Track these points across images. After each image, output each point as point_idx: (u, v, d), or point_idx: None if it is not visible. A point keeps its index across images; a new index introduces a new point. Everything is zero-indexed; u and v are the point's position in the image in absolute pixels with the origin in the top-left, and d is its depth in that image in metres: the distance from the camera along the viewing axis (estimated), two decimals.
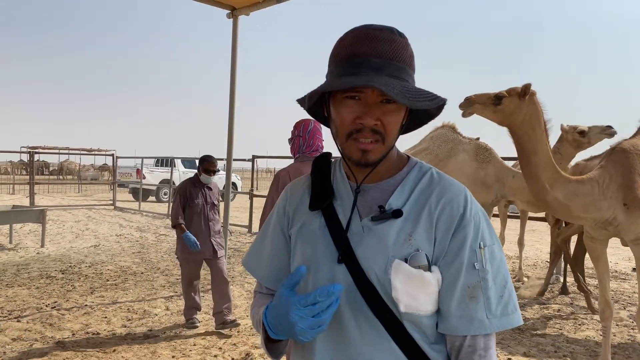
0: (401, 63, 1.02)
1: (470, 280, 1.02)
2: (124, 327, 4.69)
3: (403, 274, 1.01)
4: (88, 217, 13.75)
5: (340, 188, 1.15)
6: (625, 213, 3.43)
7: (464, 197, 1.07)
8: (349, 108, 1.03)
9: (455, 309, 1.02)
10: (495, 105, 3.38)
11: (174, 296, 5.83)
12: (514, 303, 1.04)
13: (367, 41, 1.02)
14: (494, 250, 1.05)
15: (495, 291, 1.02)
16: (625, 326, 5.00)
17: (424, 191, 1.09)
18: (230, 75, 6.14)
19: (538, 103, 3.37)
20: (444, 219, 1.05)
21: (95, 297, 5.72)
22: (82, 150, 32.71)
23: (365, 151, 1.03)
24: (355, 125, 1.02)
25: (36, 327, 4.61)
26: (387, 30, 1.04)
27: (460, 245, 1.03)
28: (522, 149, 3.37)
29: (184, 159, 20.56)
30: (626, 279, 7.22)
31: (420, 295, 1.02)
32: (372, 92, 1.01)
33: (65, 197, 20.88)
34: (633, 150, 3.53)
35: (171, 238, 10.18)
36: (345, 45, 1.04)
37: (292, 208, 1.20)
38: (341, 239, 1.07)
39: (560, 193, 3.39)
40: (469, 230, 1.04)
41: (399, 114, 1.04)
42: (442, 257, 1.04)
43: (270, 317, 1.02)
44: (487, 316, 1.01)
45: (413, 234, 1.04)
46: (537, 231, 12.33)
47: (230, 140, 6.32)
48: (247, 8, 5.86)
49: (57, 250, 8.62)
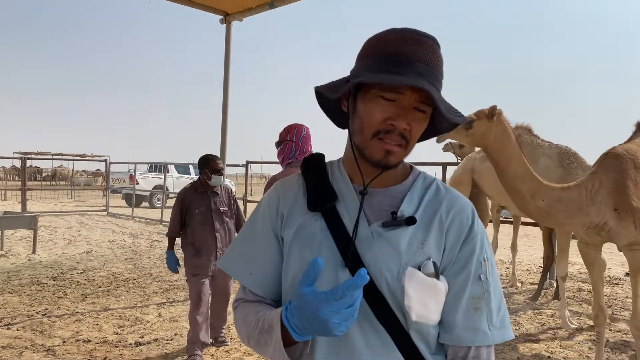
0: (439, 74, 1.02)
1: (476, 292, 1.04)
2: (115, 334, 4.65)
3: (417, 282, 1.00)
4: (80, 223, 13.67)
5: (343, 189, 1.11)
6: (616, 218, 3.43)
7: (472, 210, 1.10)
8: (383, 107, 1.00)
9: (461, 320, 1.03)
10: (466, 129, 3.56)
11: (166, 303, 5.79)
12: (507, 316, 1.08)
13: (414, 44, 1.00)
14: (493, 264, 1.08)
15: (495, 303, 1.05)
16: (619, 331, 5.01)
17: (433, 201, 1.09)
18: (223, 80, 6.14)
19: (505, 121, 3.57)
20: (454, 229, 1.06)
21: (87, 303, 5.67)
22: (75, 155, 32.54)
23: (389, 152, 1.01)
24: (385, 126, 1.00)
25: (26, 335, 4.56)
26: (431, 39, 1.02)
27: (469, 256, 1.05)
28: (497, 165, 3.54)
29: (177, 164, 20.52)
30: (619, 284, 7.24)
31: (431, 304, 1.01)
32: (410, 96, 0.99)
33: (58, 203, 20.76)
34: (626, 155, 3.52)
35: (163, 244, 10.13)
36: (389, 43, 1.01)
37: (287, 208, 1.13)
38: (348, 244, 1.04)
39: (542, 201, 3.48)
40: (476, 242, 1.06)
41: (424, 124, 1.03)
42: (450, 266, 1.05)
43: (295, 319, 0.95)
44: (490, 328, 1.03)
45: (425, 242, 1.04)
46: (530, 236, 12.36)
47: (224, 145, 6.31)
48: (240, 14, 5.87)
49: (49, 256, 8.55)
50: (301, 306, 0.94)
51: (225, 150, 6.37)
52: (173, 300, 5.91)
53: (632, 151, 3.56)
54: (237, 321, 1.15)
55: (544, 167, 5.35)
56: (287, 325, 0.96)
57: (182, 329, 4.82)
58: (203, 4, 5.73)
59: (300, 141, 2.92)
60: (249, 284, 1.14)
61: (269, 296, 1.14)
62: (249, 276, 1.14)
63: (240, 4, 5.65)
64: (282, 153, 2.95)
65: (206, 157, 4.35)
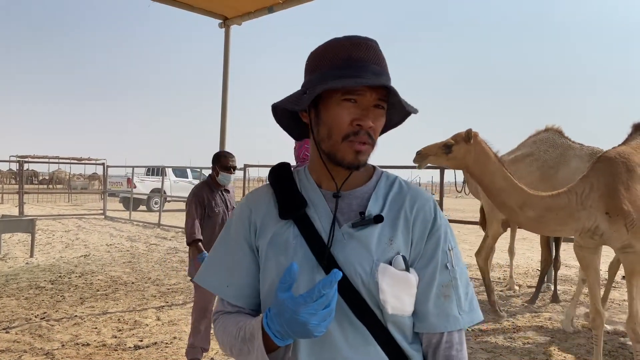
0: (388, 74, 1.09)
1: (444, 280, 1.10)
2: (114, 338, 4.65)
3: (390, 277, 1.05)
4: (78, 226, 13.65)
5: (312, 196, 1.15)
6: (607, 222, 3.44)
7: (434, 204, 1.16)
8: (347, 110, 1.05)
9: (433, 308, 1.08)
10: (446, 154, 3.74)
11: (165, 306, 5.79)
12: (475, 300, 1.14)
13: (365, 48, 1.07)
14: (457, 252, 1.14)
15: (462, 289, 1.11)
16: (616, 334, 5.03)
17: (397, 198, 1.15)
18: (222, 84, 6.16)
19: (482, 141, 3.75)
20: (419, 223, 1.12)
21: (85, 307, 5.66)
22: (72, 159, 32.48)
23: (359, 152, 1.07)
24: (353, 128, 1.05)
25: (25, 339, 4.56)
26: (376, 42, 1.11)
27: (435, 248, 1.11)
28: (482, 183, 3.68)
29: (175, 168, 20.52)
30: (615, 287, 7.26)
31: (404, 297, 1.06)
32: (370, 96, 1.05)
33: (55, 207, 20.73)
34: (619, 158, 3.52)
35: (161, 247, 10.13)
36: (340, 50, 1.07)
37: (259, 218, 1.16)
38: (322, 247, 1.08)
39: (532, 212, 3.55)
40: (441, 234, 1.12)
41: (383, 119, 1.10)
42: (419, 259, 1.11)
43: (276, 324, 0.98)
44: (460, 312, 1.09)
45: (393, 238, 1.09)
46: (527, 239, 12.38)
47: (222, 149, 6.31)
48: (239, 18, 5.89)
49: (47, 260, 8.54)
50: (280, 312, 0.97)
51: None
52: (172, 303, 5.91)
53: (626, 154, 3.55)
54: (217, 333, 1.17)
55: (575, 168, 5.24)
56: (268, 332, 0.99)
57: (181, 333, 4.82)
58: (202, 8, 5.75)
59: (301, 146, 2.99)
60: (226, 295, 1.17)
61: (247, 306, 1.17)
62: (226, 288, 1.17)
63: (239, 8, 5.68)
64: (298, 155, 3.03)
65: (218, 153, 4.15)
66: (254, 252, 1.16)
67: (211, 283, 1.20)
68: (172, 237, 11.89)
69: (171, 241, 11.17)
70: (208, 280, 1.20)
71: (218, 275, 1.19)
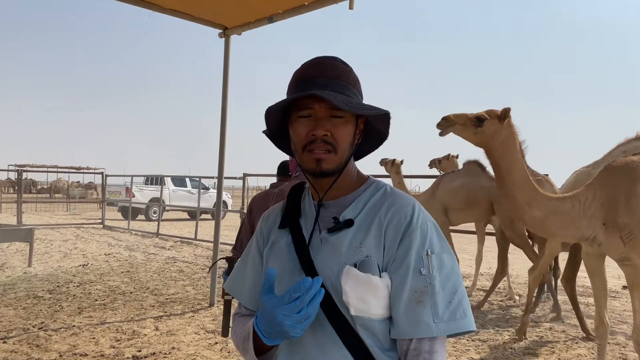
0: (344, 82, 1.15)
1: (417, 285, 1.07)
2: (112, 348, 4.61)
3: (352, 278, 1.07)
4: (76, 236, 13.61)
5: (306, 207, 1.24)
6: (604, 233, 3.39)
7: (412, 207, 1.15)
8: (302, 124, 1.14)
9: (403, 313, 1.07)
10: (476, 127, 3.45)
11: (164, 316, 5.76)
12: (463, 309, 1.08)
13: (314, 67, 1.17)
14: (443, 258, 1.11)
15: (444, 297, 1.07)
16: (617, 344, 5.01)
17: (376, 204, 1.17)
18: (222, 93, 6.17)
19: (514, 125, 3.50)
20: (392, 227, 1.12)
21: (84, 317, 5.63)
22: (70, 168, 32.44)
23: (319, 160, 1.13)
24: (309, 138, 1.13)
25: (22, 349, 4.53)
26: (331, 58, 1.18)
27: (407, 251, 1.10)
28: (499, 169, 3.47)
29: (174, 177, 20.50)
30: (616, 297, 7.25)
31: (370, 299, 1.07)
32: (319, 108, 1.12)
33: (54, 216, 20.68)
34: (626, 168, 3.43)
35: (160, 257, 10.10)
36: (296, 74, 1.19)
37: (267, 229, 1.29)
38: (304, 253, 1.15)
39: (539, 211, 3.44)
40: (414, 237, 1.11)
41: (347, 127, 1.14)
42: (391, 263, 1.11)
43: (261, 324, 1.07)
44: (434, 320, 1.05)
45: (364, 241, 1.12)
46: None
47: (222, 158, 6.32)
48: (238, 28, 5.92)
49: (45, 269, 8.49)
50: (263, 312, 1.06)
51: (223, 162, 6.38)
52: (170, 313, 5.88)
53: (634, 164, 3.45)
54: (232, 334, 1.29)
55: None
56: (257, 331, 1.08)
57: (180, 343, 4.79)
58: (202, 18, 5.77)
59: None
60: (242, 299, 1.30)
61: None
62: (242, 292, 1.30)
63: (239, 18, 5.70)
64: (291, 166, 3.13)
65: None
66: (261, 260, 1.27)
67: (232, 287, 1.33)
68: (170, 246, 11.85)
69: (170, 251, 11.13)
70: (230, 283, 1.34)
71: (238, 282, 1.32)
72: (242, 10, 5.43)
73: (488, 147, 3.48)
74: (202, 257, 10.21)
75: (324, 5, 4.98)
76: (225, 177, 6.74)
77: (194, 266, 9.14)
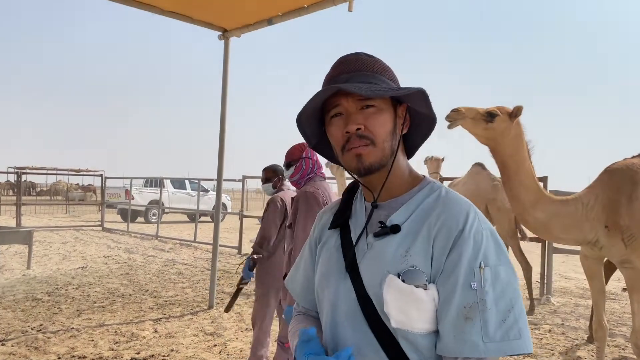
0: (369, 72, 1.11)
1: (467, 301, 0.98)
2: (111, 351, 4.60)
3: (395, 289, 1.02)
4: (76, 238, 13.59)
5: (357, 207, 1.20)
6: (606, 235, 3.36)
7: (466, 214, 1.05)
8: (336, 124, 1.11)
9: (450, 329, 0.99)
10: (487, 122, 3.33)
11: (162, 318, 5.74)
12: (519, 329, 0.97)
13: (337, 66, 1.15)
14: (498, 271, 1.00)
15: (496, 314, 0.97)
16: (617, 346, 5.00)
17: (428, 209, 1.09)
18: (221, 95, 6.17)
19: (522, 125, 3.41)
20: (442, 236, 1.03)
21: (82, 319, 5.61)
22: (70, 170, 32.43)
23: (359, 155, 1.08)
24: (344, 137, 1.09)
25: (21, 351, 4.51)
26: (353, 54, 1.15)
27: (456, 263, 1.00)
28: (505, 169, 3.37)
29: (173, 179, 20.49)
30: (616, 299, 7.24)
31: (412, 312, 1.01)
32: (347, 102, 1.08)
33: (53, 218, 20.65)
34: (626, 170, 3.41)
35: (159, 259, 10.08)
36: (324, 79, 1.17)
37: (320, 229, 1.28)
38: (350, 255, 1.12)
39: (542, 213, 3.38)
40: (466, 247, 1.01)
41: (382, 116, 1.08)
42: (439, 274, 1.02)
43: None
44: (483, 339, 0.96)
45: (410, 249, 1.04)
46: (527, 251, 12.34)
47: (221, 160, 6.32)
48: (238, 30, 5.92)
49: (44, 272, 8.48)
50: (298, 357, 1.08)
51: (222, 164, 6.38)
52: (169, 315, 5.86)
53: (635, 166, 3.43)
54: (290, 328, 1.30)
55: None
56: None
57: (179, 345, 4.78)
58: (202, 20, 5.78)
59: (315, 157, 3.06)
60: (295, 295, 1.33)
61: (313, 308, 1.28)
62: (296, 289, 1.33)
63: (238, 20, 5.71)
64: (298, 171, 3.05)
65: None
66: (314, 258, 1.28)
67: (289, 285, 1.36)
68: (170, 248, 11.83)
69: (169, 253, 11.11)
70: (289, 282, 1.37)
71: (293, 278, 1.35)
72: (241, 12, 5.44)
73: (496, 144, 3.38)
74: (201, 260, 10.20)
75: (323, 8, 4.98)
76: (224, 179, 6.74)
77: (193, 268, 9.13)
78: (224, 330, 5.28)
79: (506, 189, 3.44)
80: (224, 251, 11.43)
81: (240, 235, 11.45)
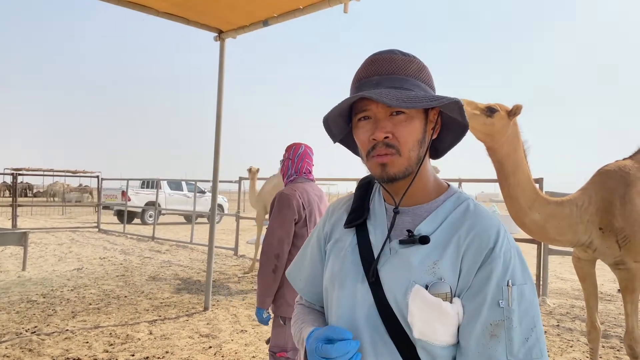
0: (402, 75, 1.06)
1: (493, 318, 0.98)
2: (105, 352, 4.59)
3: (421, 300, 1.00)
4: (71, 239, 13.55)
5: (376, 208, 1.17)
6: (600, 237, 3.36)
7: (497, 231, 1.05)
8: (363, 129, 1.08)
9: (475, 346, 0.99)
10: (486, 116, 3.26)
11: (158, 320, 5.73)
12: (540, 348, 0.99)
13: (368, 65, 1.09)
14: (524, 290, 1.01)
15: (521, 333, 0.98)
16: (612, 347, 5.01)
17: (457, 221, 1.07)
18: (217, 96, 6.16)
19: (518, 125, 3.37)
20: (472, 251, 1.03)
21: (77, 321, 5.60)
22: (66, 172, 32.33)
23: (384, 165, 1.05)
24: (371, 143, 1.06)
25: (15, 353, 4.50)
26: (387, 52, 1.10)
27: (486, 281, 1.00)
28: (502, 169, 3.33)
29: (170, 180, 20.45)
30: (611, 300, 7.25)
31: (436, 324, 1.00)
32: (377, 108, 1.05)
33: (49, 220, 20.59)
34: (619, 172, 3.42)
35: (155, 261, 10.06)
36: (355, 76, 1.12)
37: (331, 225, 1.25)
38: (370, 259, 1.10)
39: (539, 214, 3.35)
40: (496, 266, 1.01)
41: (411, 124, 1.05)
42: (466, 290, 1.02)
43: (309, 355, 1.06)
44: (507, 357, 0.97)
45: (438, 262, 1.03)
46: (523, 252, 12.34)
47: (217, 161, 6.30)
48: (233, 31, 5.92)
49: (39, 273, 8.45)
50: (310, 352, 1.05)
51: (218, 166, 6.36)
52: (165, 317, 5.85)
53: (627, 168, 3.44)
54: (293, 321, 1.29)
55: None
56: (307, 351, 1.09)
57: (174, 347, 4.77)
58: (197, 22, 5.77)
59: (296, 159, 2.99)
60: (299, 289, 1.32)
61: (317, 303, 1.29)
62: (299, 281, 1.33)
63: (234, 22, 5.70)
64: (282, 170, 3.08)
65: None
66: (323, 256, 1.26)
67: (292, 277, 1.35)
68: (166, 250, 11.81)
69: (165, 254, 11.09)
70: (291, 274, 1.36)
71: (296, 271, 1.34)
72: (237, 13, 5.43)
73: (493, 141, 3.31)
74: (197, 261, 10.18)
75: (318, 9, 4.98)
76: (220, 180, 6.72)
77: (189, 270, 9.11)
78: (219, 332, 5.27)
79: (502, 189, 3.40)
80: (220, 253, 11.41)
81: (237, 237, 11.44)
